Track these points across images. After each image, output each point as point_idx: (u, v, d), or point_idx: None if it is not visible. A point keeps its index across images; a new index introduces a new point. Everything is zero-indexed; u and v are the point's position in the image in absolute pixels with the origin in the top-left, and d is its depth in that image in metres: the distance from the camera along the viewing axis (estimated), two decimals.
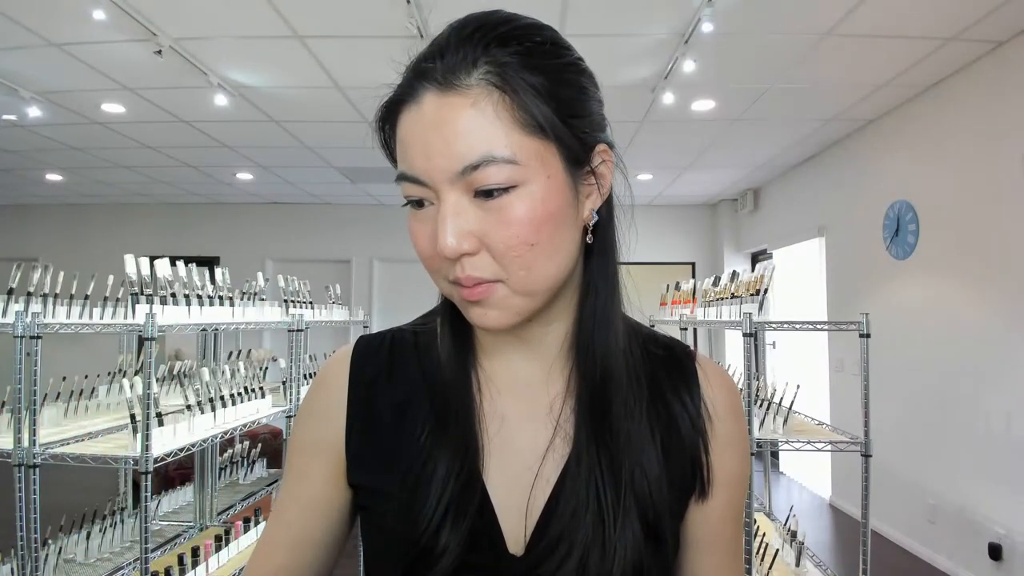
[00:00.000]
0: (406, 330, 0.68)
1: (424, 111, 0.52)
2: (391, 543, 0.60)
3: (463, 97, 0.51)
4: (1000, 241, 3.25)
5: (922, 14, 2.90)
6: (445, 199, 0.52)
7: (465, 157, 0.51)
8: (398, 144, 0.55)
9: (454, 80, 0.52)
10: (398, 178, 0.55)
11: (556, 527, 0.57)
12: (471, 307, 0.56)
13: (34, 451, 1.98)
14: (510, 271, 0.53)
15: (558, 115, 0.53)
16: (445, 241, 0.51)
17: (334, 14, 2.96)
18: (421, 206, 0.55)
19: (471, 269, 0.53)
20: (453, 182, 0.52)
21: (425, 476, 0.58)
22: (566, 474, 0.59)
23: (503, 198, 0.52)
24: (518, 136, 0.51)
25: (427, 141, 0.52)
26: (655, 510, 0.59)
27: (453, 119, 0.51)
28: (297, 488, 0.65)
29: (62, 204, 7.42)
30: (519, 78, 0.52)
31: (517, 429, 0.62)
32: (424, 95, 0.52)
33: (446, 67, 0.52)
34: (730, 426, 0.65)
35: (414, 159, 0.53)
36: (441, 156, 0.51)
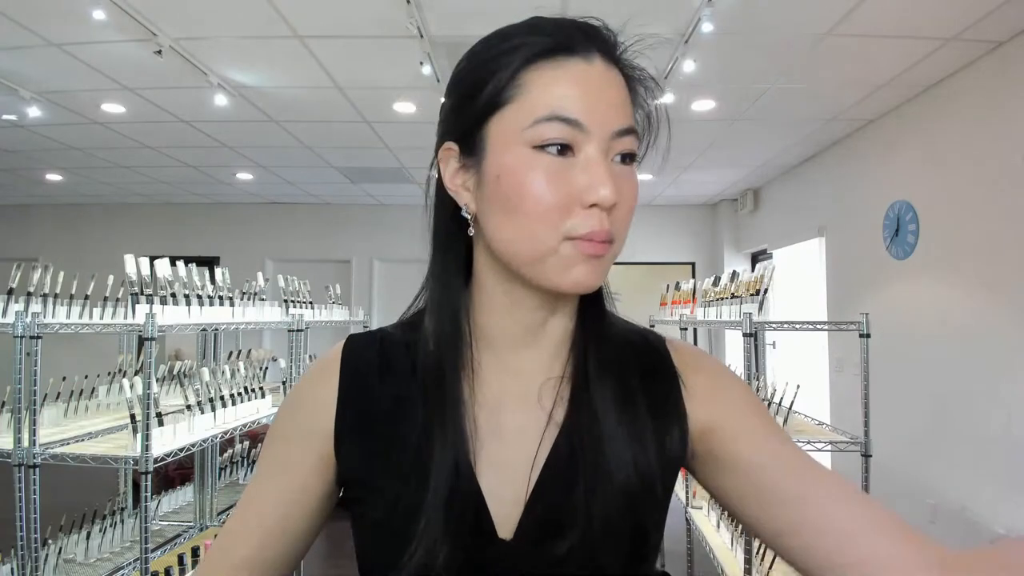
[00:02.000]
0: (394, 330, 0.68)
1: (595, 69, 0.57)
2: (383, 535, 0.60)
3: (618, 75, 0.59)
4: (1000, 241, 3.25)
5: (922, 14, 2.90)
6: (599, 151, 0.55)
7: (624, 120, 0.57)
8: (553, 86, 0.56)
9: (614, 57, 0.59)
10: (546, 119, 0.55)
11: (545, 511, 0.58)
12: (587, 262, 0.56)
13: (34, 451, 1.98)
14: (619, 234, 0.58)
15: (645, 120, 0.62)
16: (606, 190, 0.54)
17: (334, 14, 2.96)
18: (560, 154, 0.55)
19: (609, 223, 0.56)
20: (607, 140, 0.56)
21: (418, 469, 0.58)
22: (555, 460, 0.60)
23: (631, 167, 0.59)
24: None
25: (597, 94, 0.56)
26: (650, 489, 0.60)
27: (619, 87, 0.58)
28: (276, 478, 0.65)
29: (62, 204, 7.42)
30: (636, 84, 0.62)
31: (509, 419, 0.63)
32: (595, 56, 0.57)
33: (611, 44, 0.59)
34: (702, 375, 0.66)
35: (579, 104, 0.55)
36: (610, 112, 0.56)
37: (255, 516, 0.64)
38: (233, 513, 0.66)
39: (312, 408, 0.65)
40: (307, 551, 0.68)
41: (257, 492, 0.65)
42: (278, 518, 0.64)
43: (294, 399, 0.67)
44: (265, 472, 0.66)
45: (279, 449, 0.66)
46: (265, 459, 0.67)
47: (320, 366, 0.67)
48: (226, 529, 0.65)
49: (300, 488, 0.64)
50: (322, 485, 0.64)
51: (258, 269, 3.46)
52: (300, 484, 0.64)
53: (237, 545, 0.64)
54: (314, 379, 0.67)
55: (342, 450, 0.63)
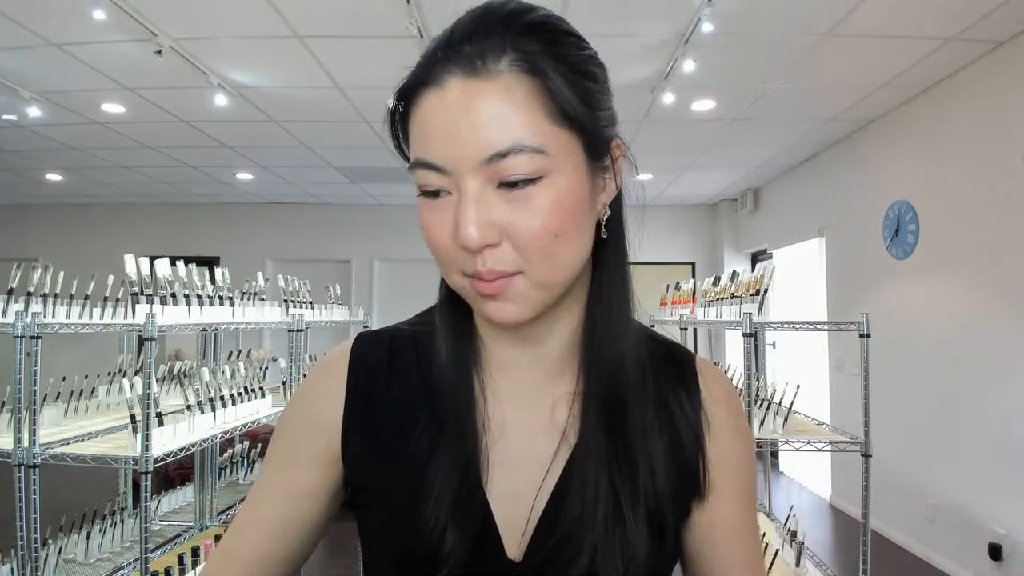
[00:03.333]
0: (404, 329, 0.67)
1: (449, 95, 0.50)
2: (392, 546, 0.60)
3: (493, 83, 0.50)
4: (1000, 241, 3.25)
5: (922, 14, 2.90)
6: (467, 188, 0.50)
7: (493, 144, 0.49)
8: (414, 130, 0.53)
9: (483, 65, 0.50)
10: (413, 165, 0.53)
11: (557, 532, 0.57)
12: (487, 301, 0.54)
13: (34, 451, 1.98)
14: (532, 263, 0.52)
15: (583, 106, 0.53)
16: (468, 232, 0.50)
17: (334, 14, 2.96)
18: (436, 196, 0.53)
19: (493, 262, 0.51)
20: (477, 170, 0.50)
21: (426, 484, 0.57)
22: (568, 480, 0.58)
23: (529, 188, 0.50)
24: (547, 125, 0.51)
25: (452, 126, 0.50)
26: (659, 516, 0.59)
27: (482, 104, 0.50)
28: (284, 472, 0.64)
29: (62, 204, 7.41)
30: (549, 67, 0.51)
31: (519, 434, 0.61)
32: (449, 79, 0.50)
33: (475, 52, 0.50)
34: (728, 420, 0.64)
35: (435, 145, 0.51)
36: (467, 143, 0.50)
37: (262, 511, 0.63)
38: (240, 509, 0.65)
39: (320, 403, 0.64)
40: (315, 547, 0.67)
41: (264, 487, 0.64)
42: (285, 513, 0.63)
43: (302, 394, 0.66)
44: (272, 467, 0.65)
45: (286, 444, 0.65)
46: (272, 454, 0.66)
47: (328, 362, 0.66)
48: (233, 526, 0.65)
49: (307, 483, 0.63)
50: (329, 481, 0.64)
51: (258, 269, 3.46)
52: (306, 479, 0.63)
53: (244, 541, 0.63)
54: (323, 375, 0.65)
55: (349, 451, 0.62)
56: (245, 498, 0.67)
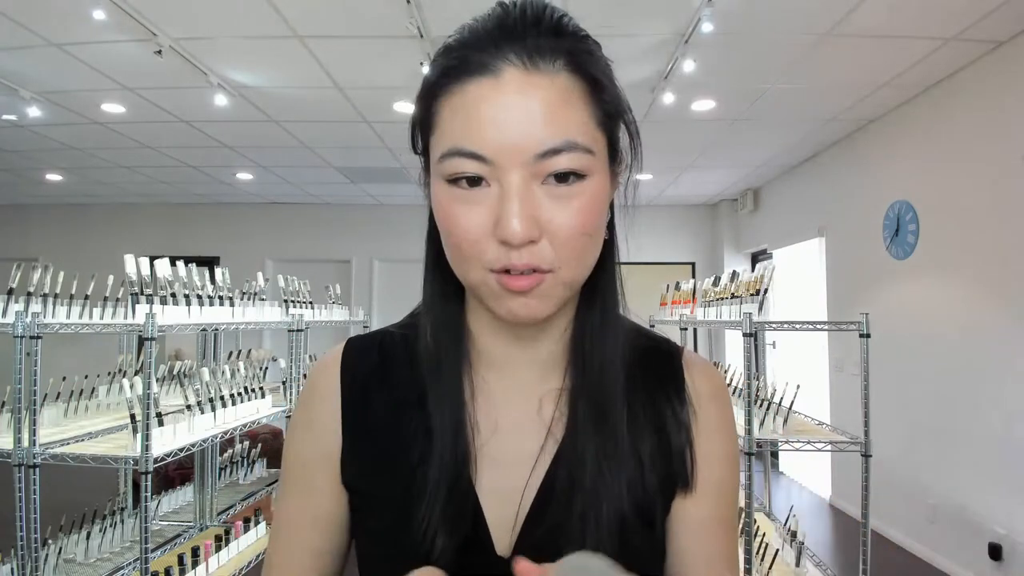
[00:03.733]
0: (395, 332, 0.67)
1: (505, 85, 0.50)
2: (384, 545, 0.60)
3: (551, 80, 0.50)
4: (1000, 241, 3.25)
5: (922, 14, 2.90)
6: (513, 181, 0.50)
7: (548, 140, 0.49)
8: (456, 115, 0.52)
9: (542, 61, 0.51)
10: (450, 153, 0.51)
11: (544, 528, 0.57)
12: (513, 297, 0.53)
13: (34, 451, 1.98)
14: (565, 261, 0.52)
15: (617, 112, 0.55)
16: (513, 226, 0.49)
17: (334, 14, 2.96)
18: (472, 185, 0.51)
19: (530, 257, 0.51)
20: (526, 164, 0.50)
21: (418, 483, 0.58)
22: (554, 476, 0.59)
23: (574, 187, 0.51)
24: (593, 127, 0.52)
25: (506, 116, 0.49)
26: (646, 510, 0.59)
27: (541, 99, 0.50)
28: (306, 501, 0.64)
29: (62, 204, 7.41)
30: (597, 72, 0.53)
31: (508, 432, 0.62)
32: (506, 69, 0.50)
33: (535, 47, 0.51)
34: (712, 413, 0.65)
35: (484, 134, 0.50)
36: (521, 135, 0.49)
37: (291, 540, 0.64)
38: (270, 544, 0.66)
39: (321, 430, 0.64)
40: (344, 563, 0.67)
41: (291, 514, 0.65)
42: (319, 540, 0.64)
43: (302, 420, 0.67)
44: (292, 495, 0.65)
45: (298, 472, 0.65)
46: (288, 479, 0.66)
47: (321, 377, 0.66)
48: (268, 563, 0.65)
49: (331, 511, 0.64)
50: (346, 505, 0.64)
51: (258, 269, 3.46)
52: (330, 507, 0.64)
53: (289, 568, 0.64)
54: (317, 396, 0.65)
55: (346, 461, 0.63)
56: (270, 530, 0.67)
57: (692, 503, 0.62)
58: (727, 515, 0.65)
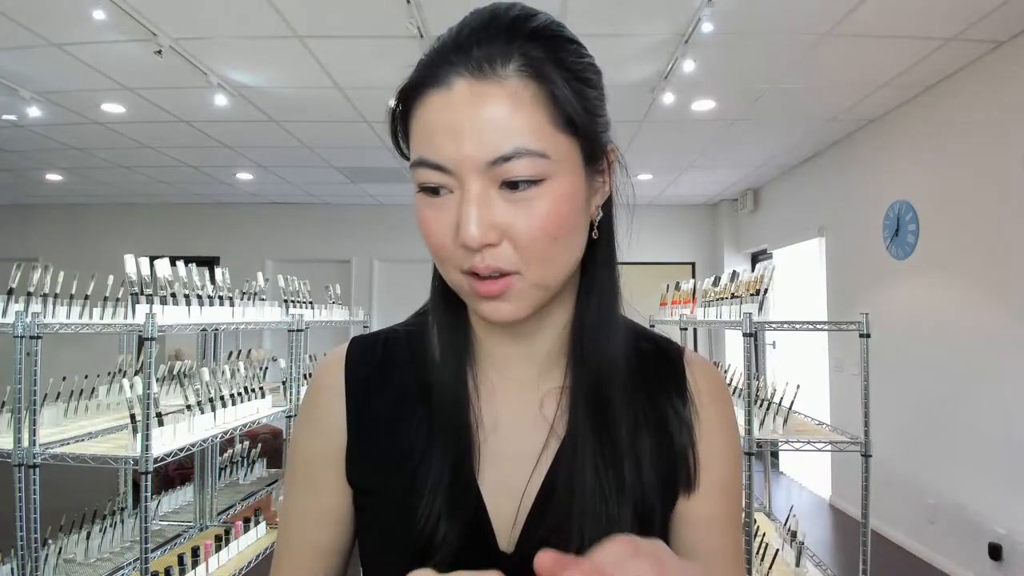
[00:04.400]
0: (399, 330, 0.68)
1: (455, 97, 0.51)
2: (388, 543, 0.61)
3: (500, 87, 0.51)
4: (1000, 241, 3.25)
5: (922, 14, 2.90)
6: (470, 188, 0.51)
7: (498, 147, 0.50)
8: (417, 129, 0.54)
9: (491, 69, 0.51)
10: (414, 164, 0.54)
11: (547, 524, 0.58)
12: (484, 301, 0.55)
13: (34, 451, 1.98)
14: (530, 263, 0.53)
15: (584, 112, 0.54)
16: (470, 231, 0.51)
17: (334, 14, 2.96)
18: (437, 193, 0.53)
19: (491, 259, 0.52)
20: (480, 171, 0.51)
21: (420, 478, 0.59)
22: (556, 472, 0.60)
23: (530, 191, 0.52)
24: (549, 131, 0.52)
25: (458, 127, 0.51)
26: (646, 505, 0.60)
27: (489, 107, 0.51)
28: (312, 499, 0.65)
29: (62, 204, 7.41)
30: (554, 74, 0.52)
31: (510, 429, 0.62)
32: (456, 80, 0.51)
33: (482, 55, 0.51)
34: (714, 413, 0.65)
35: (440, 145, 0.51)
36: (472, 144, 0.50)
37: (304, 534, 0.65)
38: (277, 542, 0.67)
39: (326, 429, 0.65)
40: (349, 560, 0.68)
41: (296, 512, 0.66)
42: (324, 537, 0.65)
43: (307, 418, 0.67)
44: (297, 493, 0.66)
45: (304, 470, 0.66)
46: (293, 478, 0.67)
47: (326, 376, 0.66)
48: (276, 562, 0.66)
49: (336, 508, 0.65)
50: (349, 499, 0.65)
51: (258, 269, 3.46)
52: (335, 505, 0.65)
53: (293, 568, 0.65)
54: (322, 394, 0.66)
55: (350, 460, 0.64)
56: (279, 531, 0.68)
57: (695, 501, 0.63)
58: (731, 513, 0.65)
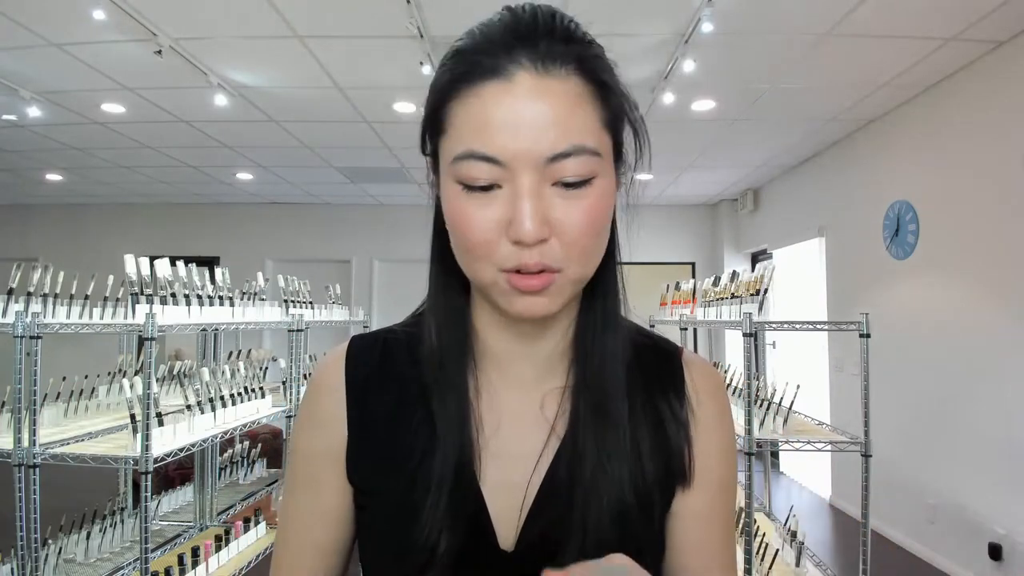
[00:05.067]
0: (398, 330, 0.68)
1: (518, 89, 0.51)
2: (388, 542, 0.61)
3: (563, 84, 0.51)
4: (1000, 241, 3.25)
5: (922, 14, 2.90)
6: (525, 183, 0.51)
7: (558, 144, 0.51)
8: (465, 120, 0.52)
9: (552, 65, 0.51)
10: (463, 156, 0.52)
11: (544, 526, 0.58)
12: (521, 297, 0.54)
13: (34, 451, 1.98)
14: (573, 259, 0.54)
15: (621, 113, 0.56)
16: (526, 227, 0.50)
17: (334, 14, 2.96)
18: (482, 189, 0.52)
19: (540, 256, 0.52)
20: (537, 167, 0.51)
21: (422, 478, 0.59)
22: (556, 472, 0.60)
23: (582, 189, 0.52)
24: (600, 130, 0.53)
25: (518, 120, 0.50)
26: (646, 506, 0.60)
27: (552, 103, 0.51)
28: (311, 497, 0.65)
29: (62, 204, 7.41)
30: (605, 75, 0.54)
31: (511, 428, 0.62)
32: (518, 73, 0.51)
33: (546, 51, 0.52)
34: (711, 411, 0.65)
35: (496, 137, 0.51)
36: (533, 139, 0.50)
37: (304, 533, 0.65)
38: (276, 540, 0.67)
39: (326, 427, 0.65)
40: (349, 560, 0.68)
41: (296, 511, 0.66)
42: (322, 536, 0.65)
43: (307, 417, 0.67)
44: (297, 491, 0.66)
45: (304, 469, 0.66)
46: (293, 476, 0.67)
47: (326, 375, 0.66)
48: (275, 560, 0.67)
49: (335, 507, 0.65)
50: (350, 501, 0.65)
51: (258, 269, 3.46)
52: (334, 503, 0.65)
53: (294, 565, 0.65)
54: (322, 393, 0.66)
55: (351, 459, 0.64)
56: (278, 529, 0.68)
57: (691, 497, 0.63)
58: (725, 509, 0.65)
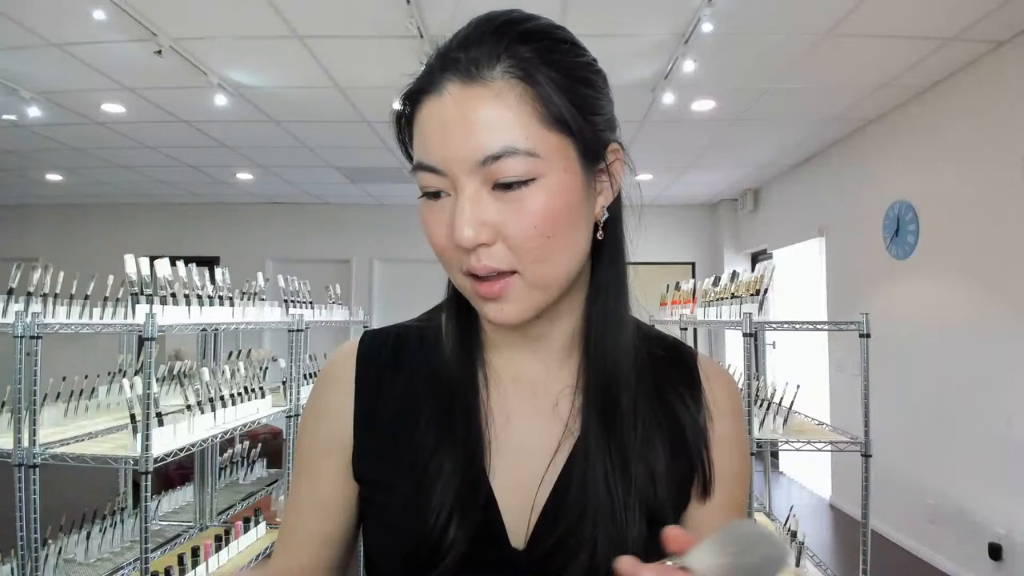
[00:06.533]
0: (411, 326, 0.69)
1: (446, 101, 0.53)
2: (396, 537, 0.60)
3: (486, 89, 0.52)
4: (1000, 241, 3.25)
5: (922, 14, 2.90)
6: (463, 189, 0.53)
7: (486, 148, 0.51)
8: (417, 134, 0.56)
9: (478, 72, 0.53)
10: (415, 168, 0.55)
11: (560, 522, 0.58)
12: (487, 303, 0.56)
13: (34, 451, 1.97)
14: (525, 263, 0.54)
15: (576, 111, 0.55)
16: (462, 231, 0.52)
17: (334, 14, 2.96)
18: (437, 197, 0.55)
19: (487, 259, 0.53)
20: (472, 172, 0.52)
21: (431, 473, 0.59)
22: (571, 470, 0.60)
23: (522, 190, 0.53)
24: (538, 129, 0.53)
25: (448, 131, 0.53)
26: (659, 506, 0.60)
27: (476, 109, 0.52)
28: (312, 487, 0.66)
29: (62, 204, 7.41)
30: (541, 73, 0.53)
31: (522, 426, 0.62)
32: (446, 85, 0.53)
33: (470, 59, 0.53)
34: (729, 424, 0.65)
35: (433, 148, 0.53)
36: (462, 146, 0.52)
37: (302, 524, 0.66)
38: (282, 524, 0.68)
39: (332, 416, 0.65)
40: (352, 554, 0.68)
41: (297, 501, 0.67)
42: (320, 526, 0.65)
43: (314, 406, 0.68)
44: (300, 481, 0.67)
45: (307, 458, 0.67)
46: (298, 466, 0.68)
47: (337, 367, 0.67)
48: (276, 546, 0.67)
49: (334, 497, 0.65)
50: (353, 492, 0.65)
51: (258, 269, 3.45)
52: (333, 493, 0.65)
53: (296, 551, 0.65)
54: (332, 383, 0.67)
55: (357, 451, 0.64)
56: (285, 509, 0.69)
57: (706, 512, 0.63)
58: (736, 517, 0.65)
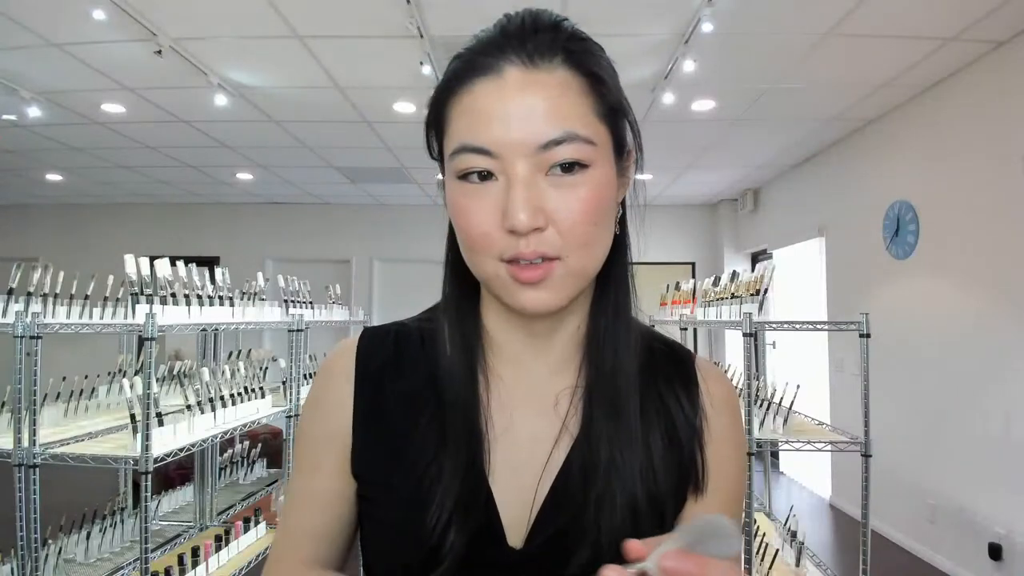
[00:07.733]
0: (410, 325, 0.68)
1: (507, 83, 0.53)
2: (395, 536, 0.61)
3: (550, 76, 0.54)
4: (1000, 241, 3.25)
5: (922, 14, 2.90)
6: (518, 172, 0.53)
7: (549, 132, 0.52)
8: (460, 117, 0.55)
9: (540, 59, 0.54)
10: (456, 151, 0.55)
11: (557, 523, 0.58)
12: (524, 290, 0.55)
13: (34, 451, 1.97)
14: (571, 249, 0.54)
15: (618, 108, 0.58)
16: (517, 216, 0.52)
17: (334, 14, 2.96)
18: (480, 179, 0.54)
19: (537, 244, 0.53)
20: (528, 156, 0.53)
21: (431, 474, 0.59)
22: (570, 468, 0.60)
23: (577, 176, 0.54)
24: (594, 120, 0.55)
25: (508, 112, 0.53)
26: (657, 507, 0.60)
27: (540, 94, 0.53)
28: (311, 482, 0.66)
29: (62, 204, 7.41)
30: (597, 68, 0.56)
31: (523, 426, 0.62)
32: (507, 68, 0.54)
33: (533, 47, 0.54)
34: (725, 421, 0.65)
35: (489, 130, 0.53)
36: (523, 129, 0.52)
37: (302, 518, 0.66)
38: (281, 519, 0.68)
39: (330, 410, 0.65)
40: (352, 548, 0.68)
41: (297, 496, 0.67)
42: (320, 521, 0.65)
43: (313, 401, 0.68)
44: (299, 476, 0.67)
45: (306, 453, 0.67)
46: (297, 462, 0.68)
47: (336, 362, 0.67)
48: (276, 538, 0.68)
49: (333, 492, 0.65)
50: (351, 487, 0.65)
51: (258, 269, 3.45)
52: (332, 488, 0.65)
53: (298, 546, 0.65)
54: (330, 378, 0.67)
55: (356, 448, 0.64)
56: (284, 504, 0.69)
57: (700, 509, 0.63)
58: (733, 518, 0.65)
